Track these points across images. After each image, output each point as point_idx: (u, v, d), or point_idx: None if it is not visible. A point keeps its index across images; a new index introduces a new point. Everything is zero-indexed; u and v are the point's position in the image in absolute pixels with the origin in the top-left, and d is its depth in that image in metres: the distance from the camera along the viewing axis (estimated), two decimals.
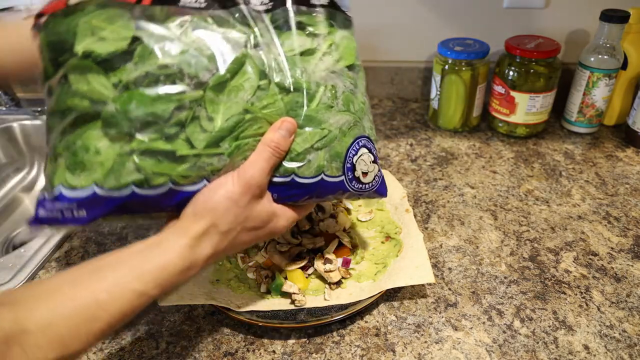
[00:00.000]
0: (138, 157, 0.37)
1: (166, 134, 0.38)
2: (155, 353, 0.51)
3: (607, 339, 0.50)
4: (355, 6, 0.91)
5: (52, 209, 0.38)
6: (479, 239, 0.64)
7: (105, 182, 0.37)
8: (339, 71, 0.45)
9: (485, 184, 0.75)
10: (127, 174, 0.37)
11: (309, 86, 0.43)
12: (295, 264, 0.57)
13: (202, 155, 0.39)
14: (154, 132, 0.37)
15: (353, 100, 0.46)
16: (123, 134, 0.37)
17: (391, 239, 0.62)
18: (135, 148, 0.37)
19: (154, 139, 0.37)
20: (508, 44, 0.81)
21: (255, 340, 0.52)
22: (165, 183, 0.39)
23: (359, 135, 0.47)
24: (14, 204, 0.93)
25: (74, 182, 0.37)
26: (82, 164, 0.37)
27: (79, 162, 0.37)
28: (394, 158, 0.82)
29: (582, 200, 0.70)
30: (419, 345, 0.50)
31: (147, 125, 0.37)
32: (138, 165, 0.37)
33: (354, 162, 0.46)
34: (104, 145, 0.37)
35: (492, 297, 0.56)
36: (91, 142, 0.37)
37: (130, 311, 0.37)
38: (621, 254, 0.61)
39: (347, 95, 0.45)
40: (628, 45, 0.80)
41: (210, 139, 0.39)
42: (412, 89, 1.00)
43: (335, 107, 0.44)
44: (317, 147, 0.43)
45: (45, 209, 0.38)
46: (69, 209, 0.38)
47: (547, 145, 0.84)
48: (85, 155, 0.37)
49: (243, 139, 0.41)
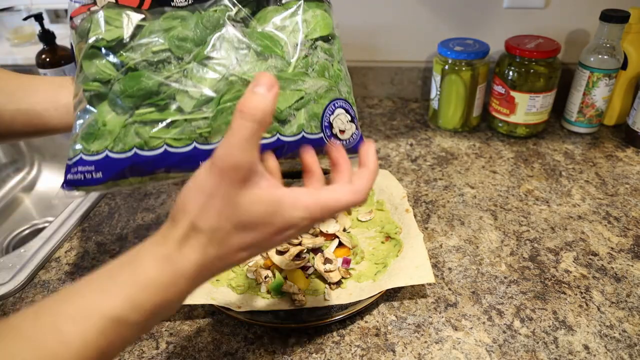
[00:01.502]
0: (138, 125, 0.45)
1: (159, 106, 0.45)
2: (155, 353, 0.51)
3: (607, 339, 0.50)
4: (355, 6, 0.91)
5: (76, 172, 0.45)
6: (479, 239, 0.64)
7: (114, 147, 0.45)
8: (311, 42, 0.50)
9: (485, 184, 0.75)
10: (131, 140, 0.45)
11: (282, 54, 0.48)
12: (295, 264, 0.57)
13: (190, 120, 0.45)
14: (149, 105, 0.45)
15: (329, 68, 0.51)
16: (125, 108, 0.45)
17: (391, 239, 0.62)
18: (136, 119, 0.45)
19: (149, 111, 0.45)
20: (508, 44, 0.81)
21: (255, 340, 0.52)
22: (160, 145, 0.46)
23: (336, 98, 0.52)
24: (14, 204, 0.93)
25: (91, 149, 0.45)
26: (94, 135, 0.45)
27: (92, 132, 0.45)
28: (394, 158, 0.82)
29: (582, 200, 0.70)
30: (419, 345, 0.50)
31: (143, 99, 0.45)
32: (138, 132, 0.45)
33: (331, 121, 0.51)
34: (111, 118, 0.45)
35: (492, 297, 0.56)
36: (101, 116, 0.45)
37: (106, 344, 0.29)
38: (621, 254, 0.61)
39: (322, 63, 0.50)
40: (628, 45, 0.80)
41: (196, 104, 0.45)
42: (412, 89, 1.00)
43: (310, 74, 0.49)
44: (296, 107, 0.48)
45: (71, 173, 0.46)
46: (89, 172, 0.45)
47: (547, 145, 0.84)
48: (96, 127, 0.45)
49: (224, 103, 0.46)
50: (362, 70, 0.98)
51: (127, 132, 0.45)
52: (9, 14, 1.06)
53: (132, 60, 0.45)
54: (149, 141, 0.45)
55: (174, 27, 0.46)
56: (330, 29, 0.52)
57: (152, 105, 0.45)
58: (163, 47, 0.45)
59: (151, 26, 0.46)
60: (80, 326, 0.28)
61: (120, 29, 0.45)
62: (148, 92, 0.45)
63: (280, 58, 0.48)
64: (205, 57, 0.46)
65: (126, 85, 0.45)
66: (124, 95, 0.45)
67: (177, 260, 0.32)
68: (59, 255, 0.64)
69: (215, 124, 0.46)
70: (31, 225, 0.91)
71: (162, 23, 0.46)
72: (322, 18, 0.51)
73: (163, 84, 0.45)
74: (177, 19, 0.46)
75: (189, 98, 0.45)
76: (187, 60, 0.46)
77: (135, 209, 0.73)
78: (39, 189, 0.99)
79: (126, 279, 0.31)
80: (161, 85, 0.45)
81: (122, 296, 0.30)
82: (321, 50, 0.51)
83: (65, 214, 0.71)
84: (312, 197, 0.34)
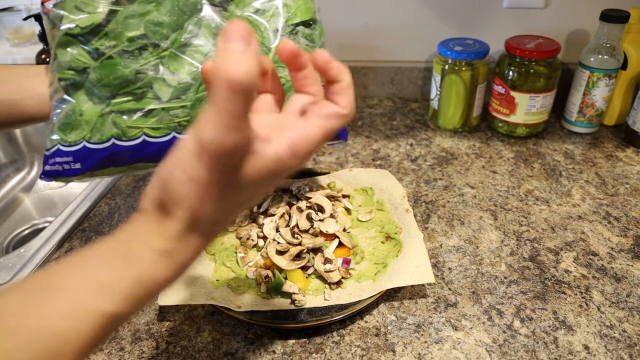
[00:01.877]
0: (115, 115, 0.45)
1: (136, 95, 0.44)
2: (155, 353, 0.51)
3: (607, 339, 0.50)
4: (355, 6, 0.91)
5: (54, 163, 0.45)
6: (479, 239, 0.64)
7: (92, 137, 0.45)
8: (292, 27, 0.50)
9: (485, 184, 0.75)
10: (108, 130, 0.45)
11: (263, 40, 0.47)
12: (295, 264, 0.57)
13: (167, 108, 0.45)
14: (126, 94, 0.44)
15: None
16: (102, 97, 0.44)
17: (391, 239, 0.62)
18: (113, 109, 0.44)
19: (126, 100, 0.44)
20: (508, 44, 0.81)
21: (255, 340, 0.52)
22: (139, 135, 0.45)
23: None
24: (14, 204, 0.93)
25: (68, 139, 0.45)
26: (71, 125, 0.44)
27: (69, 122, 0.44)
28: (394, 158, 0.82)
29: (582, 200, 0.70)
30: (419, 345, 0.50)
31: (120, 88, 0.44)
32: (115, 122, 0.45)
33: None
34: (88, 108, 0.44)
35: (492, 297, 0.56)
36: (77, 106, 0.44)
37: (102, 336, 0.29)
38: (621, 254, 0.61)
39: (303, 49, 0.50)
40: (628, 45, 0.80)
41: (174, 92, 0.45)
42: (412, 89, 1.00)
43: None
44: None
45: (49, 164, 0.45)
46: (67, 163, 0.45)
47: (547, 145, 0.84)
48: (73, 117, 0.44)
49: (203, 91, 0.45)
50: (362, 70, 0.98)
51: (104, 122, 0.44)
52: (9, 14, 1.06)
53: (108, 49, 0.44)
54: (127, 131, 0.45)
55: (149, 12, 0.44)
56: (311, 13, 0.51)
57: (129, 94, 0.44)
58: (139, 33, 0.44)
59: (126, 11, 0.44)
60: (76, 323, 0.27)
61: (94, 14, 0.43)
62: (124, 80, 0.44)
63: (260, 44, 0.47)
64: (183, 44, 0.45)
65: (102, 74, 0.44)
66: (100, 85, 0.44)
67: (178, 252, 0.30)
68: (58, 255, 0.64)
69: (194, 112, 0.45)
70: (31, 225, 0.91)
71: (136, 8, 0.44)
72: (303, 2, 0.50)
73: (139, 71, 0.44)
74: (152, 3, 0.44)
75: (167, 86, 0.44)
76: (163, 47, 0.44)
77: (135, 208, 0.73)
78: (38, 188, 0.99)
79: (124, 276, 0.29)
80: (138, 73, 0.44)
81: (123, 296, 0.29)
82: (302, 36, 0.50)
83: (65, 214, 0.71)
84: (306, 137, 0.31)
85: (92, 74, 0.44)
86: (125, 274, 0.29)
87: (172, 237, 0.30)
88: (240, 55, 0.25)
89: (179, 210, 0.29)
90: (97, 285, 0.28)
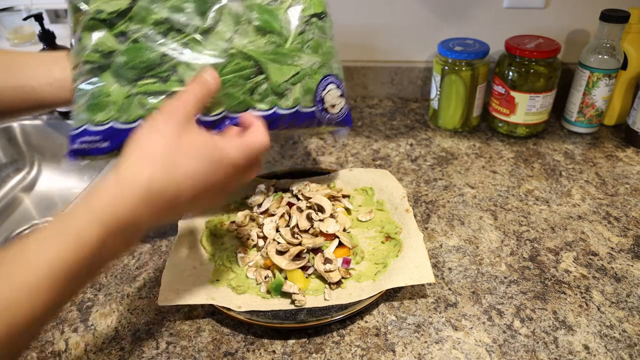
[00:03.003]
0: (142, 97, 0.46)
1: (161, 77, 0.46)
2: (155, 353, 0.51)
3: (607, 339, 0.50)
4: (355, 6, 0.91)
5: (82, 142, 0.47)
6: (479, 239, 0.64)
7: (120, 117, 0.46)
8: (307, 18, 0.52)
9: (485, 184, 0.75)
10: (134, 111, 0.46)
11: (280, 30, 0.50)
12: (295, 264, 0.57)
13: None
14: (152, 77, 0.46)
15: (321, 44, 0.54)
16: (128, 79, 0.46)
17: (391, 239, 0.62)
18: (139, 90, 0.46)
19: (152, 82, 0.46)
20: (508, 44, 0.81)
21: (255, 340, 0.52)
22: None
23: (328, 74, 0.54)
24: (14, 204, 0.93)
25: (96, 119, 0.46)
26: (99, 105, 0.46)
27: (97, 103, 0.46)
28: (394, 158, 0.82)
29: (582, 200, 0.70)
30: (419, 345, 0.50)
31: (146, 71, 0.46)
32: (141, 102, 0.46)
33: (323, 96, 0.54)
34: (114, 89, 0.46)
35: (492, 297, 0.56)
36: (105, 87, 0.46)
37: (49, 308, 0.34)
38: (621, 254, 0.61)
39: (316, 40, 0.53)
40: (628, 45, 0.80)
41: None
42: (412, 89, 1.00)
43: (305, 50, 0.52)
44: (292, 81, 0.51)
45: (76, 143, 0.47)
46: (94, 142, 0.47)
47: (547, 145, 0.84)
48: (100, 98, 0.46)
49: (224, 75, 0.47)
50: (362, 70, 0.98)
51: (131, 103, 0.46)
52: (9, 14, 1.06)
53: (134, 33, 0.45)
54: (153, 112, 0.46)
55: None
56: (323, 6, 0.54)
57: (155, 77, 0.46)
58: (163, 18, 0.46)
59: None
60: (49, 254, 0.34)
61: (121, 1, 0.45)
62: (151, 63, 0.46)
63: (278, 34, 0.50)
64: (206, 30, 0.47)
65: (129, 57, 0.45)
66: (127, 67, 0.45)
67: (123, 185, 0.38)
68: None
69: (216, 95, 0.47)
70: (31, 225, 0.91)
71: None
72: None
73: (165, 55, 0.46)
74: None
75: (190, 70, 0.46)
76: (187, 31, 0.46)
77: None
78: (39, 189, 0.99)
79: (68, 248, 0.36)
80: (163, 56, 0.46)
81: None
82: (315, 27, 0.53)
83: None
84: (235, 140, 0.44)
85: (119, 57, 0.45)
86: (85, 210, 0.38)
87: (118, 172, 0.38)
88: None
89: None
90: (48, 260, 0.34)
